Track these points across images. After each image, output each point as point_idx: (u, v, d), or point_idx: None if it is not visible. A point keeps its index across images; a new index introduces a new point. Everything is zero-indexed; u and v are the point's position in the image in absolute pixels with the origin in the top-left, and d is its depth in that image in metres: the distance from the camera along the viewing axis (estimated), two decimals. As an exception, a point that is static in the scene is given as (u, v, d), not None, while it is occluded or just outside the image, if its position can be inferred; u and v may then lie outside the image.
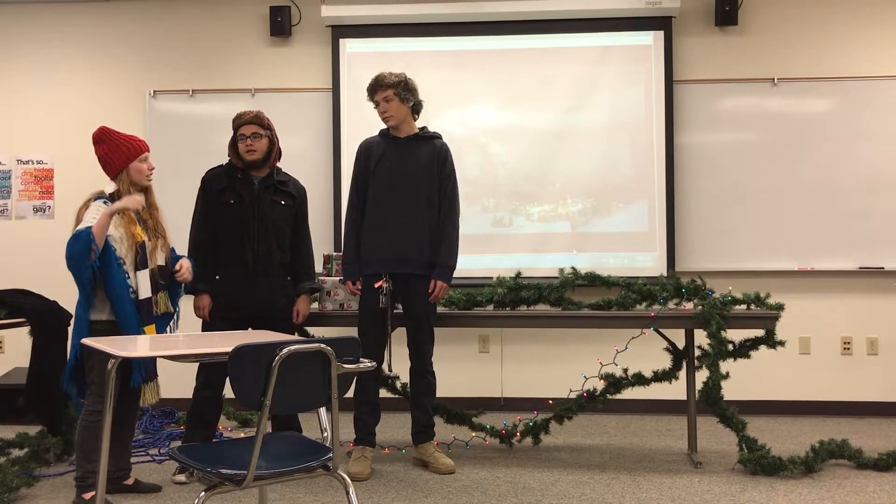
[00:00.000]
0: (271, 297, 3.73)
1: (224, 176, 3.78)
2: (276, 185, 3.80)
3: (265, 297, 3.71)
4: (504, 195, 5.27)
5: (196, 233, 3.76)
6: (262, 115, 3.76)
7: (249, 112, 3.75)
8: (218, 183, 3.76)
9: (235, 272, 3.69)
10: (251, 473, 2.13)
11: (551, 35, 5.28)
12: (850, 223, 5.13)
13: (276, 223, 3.76)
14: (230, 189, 3.74)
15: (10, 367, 5.27)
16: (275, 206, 3.77)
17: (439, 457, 3.86)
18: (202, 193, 3.80)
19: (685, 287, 4.01)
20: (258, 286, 3.69)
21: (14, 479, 3.42)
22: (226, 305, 3.70)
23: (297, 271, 3.87)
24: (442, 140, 3.95)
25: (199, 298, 3.71)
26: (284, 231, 3.81)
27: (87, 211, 3.25)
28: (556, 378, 4.86)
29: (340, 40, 5.36)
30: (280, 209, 3.79)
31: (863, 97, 5.16)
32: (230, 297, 3.69)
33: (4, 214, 5.54)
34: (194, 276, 3.59)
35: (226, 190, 3.74)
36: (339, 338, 2.28)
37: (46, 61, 5.55)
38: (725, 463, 3.96)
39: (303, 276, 3.88)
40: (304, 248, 3.91)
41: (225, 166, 3.83)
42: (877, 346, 5.20)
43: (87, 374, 3.24)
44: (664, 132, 5.20)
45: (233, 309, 3.69)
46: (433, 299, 3.83)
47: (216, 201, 3.74)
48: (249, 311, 3.69)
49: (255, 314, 3.69)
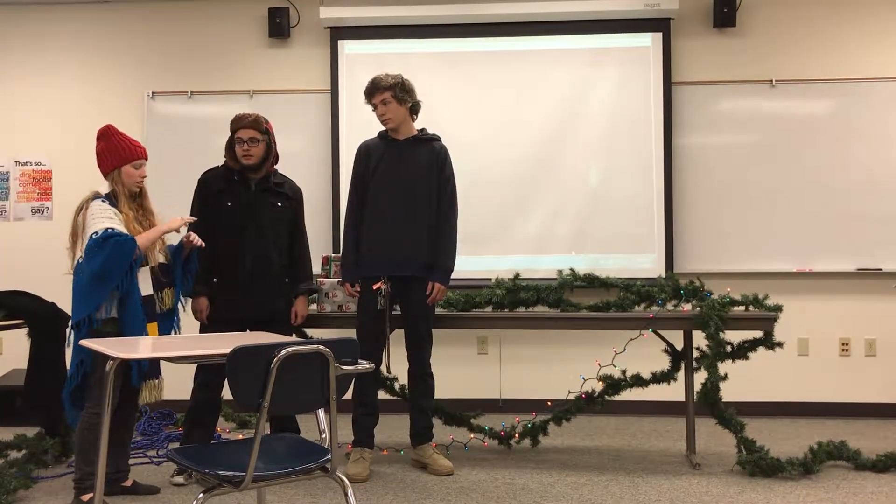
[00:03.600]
0: (269, 299, 3.72)
1: (221, 178, 3.76)
2: (272, 187, 3.79)
3: (263, 299, 3.70)
4: (502, 197, 5.26)
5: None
6: (260, 120, 3.71)
7: (248, 116, 3.70)
8: (215, 185, 3.74)
9: (233, 275, 3.67)
10: (249, 475, 2.13)
11: (550, 37, 5.28)
12: (848, 224, 5.14)
13: (273, 225, 3.75)
14: (227, 191, 3.72)
15: (8, 368, 5.26)
16: (272, 207, 3.76)
17: (438, 458, 3.86)
18: (199, 195, 3.77)
19: (684, 288, 4.01)
20: (256, 289, 3.68)
21: (12, 480, 3.42)
22: (224, 308, 3.68)
23: (295, 272, 3.86)
24: (441, 142, 3.95)
25: (197, 302, 3.69)
26: (282, 233, 3.79)
27: (89, 212, 3.24)
28: (555, 379, 4.86)
29: (339, 42, 5.36)
30: (277, 211, 3.78)
31: (861, 99, 5.16)
32: (228, 300, 3.67)
33: (3, 216, 5.53)
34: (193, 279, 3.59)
35: (223, 192, 3.72)
36: (337, 339, 2.28)
37: (45, 63, 5.55)
38: (724, 464, 3.96)
39: (300, 278, 3.87)
40: (302, 249, 3.90)
41: (221, 168, 3.81)
42: (875, 347, 5.20)
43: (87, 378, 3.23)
44: (662, 133, 5.20)
45: (231, 311, 3.67)
46: (431, 301, 3.84)
47: (213, 203, 3.72)
48: (247, 314, 3.68)
49: (254, 316, 3.67)
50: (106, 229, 3.17)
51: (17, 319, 3.78)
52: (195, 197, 3.78)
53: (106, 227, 3.18)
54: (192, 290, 3.65)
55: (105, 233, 3.17)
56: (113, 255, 3.15)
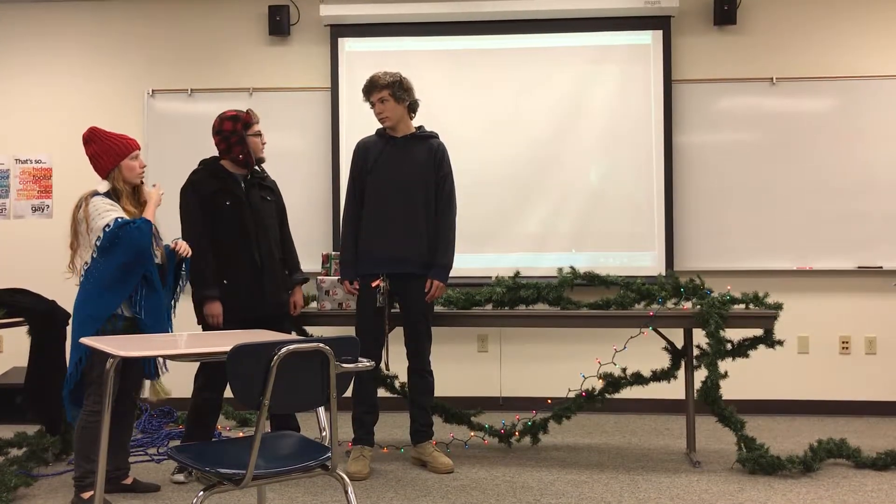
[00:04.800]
0: (279, 293, 3.76)
1: (212, 178, 3.70)
2: (259, 181, 3.80)
3: (275, 294, 3.72)
4: (502, 194, 5.26)
5: (197, 239, 3.60)
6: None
7: (253, 111, 3.78)
8: (208, 186, 3.67)
9: (245, 273, 3.64)
10: (250, 473, 2.13)
11: (550, 34, 5.27)
12: (848, 222, 5.13)
13: (269, 220, 3.77)
14: (223, 190, 3.67)
15: (8, 366, 5.27)
16: (263, 202, 3.77)
17: (438, 456, 3.86)
18: (194, 197, 3.66)
19: (684, 286, 4.01)
20: (268, 284, 3.69)
21: (12, 478, 3.42)
22: (240, 307, 3.63)
23: (288, 263, 3.88)
24: (439, 139, 3.95)
25: (210, 306, 3.60)
26: (275, 227, 3.83)
27: (91, 207, 3.23)
28: (555, 377, 4.86)
29: (339, 39, 5.36)
30: (268, 205, 3.80)
31: (861, 97, 5.16)
32: (243, 299, 3.63)
33: (3, 214, 5.53)
34: (202, 284, 3.59)
35: (218, 192, 3.66)
36: (337, 337, 2.28)
37: (44, 60, 5.54)
38: (724, 462, 3.96)
39: (293, 269, 3.90)
40: (289, 240, 3.95)
41: (209, 167, 3.74)
42: (875, 345, 5.20)
43: (87, 375, 3.23)
44: (663, 131, 5.20)
45: (247, 310, 3.63)
46: (429, 299, 3.83)
47: (212, 205, 3.65)
48: (263, 311, 3.66)
49: (268, 313, 3.67)
50: (116, 219, 3.19)
51: (18, 317, 3.77)
52: (189, 201, 3.66)
53: (115, 218, 3.20)
54: (204, 295, 3.59)
55: (117, 222, 3.18)
56: (133, 241, 3.18)
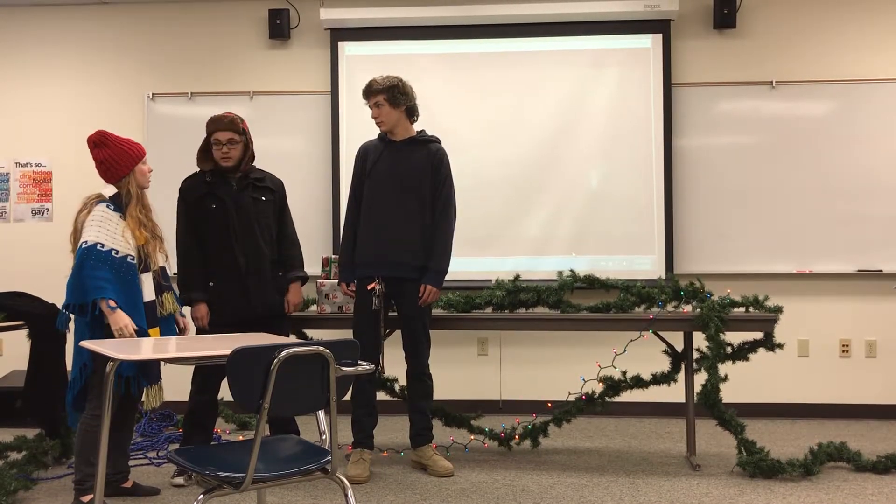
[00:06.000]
0: (266, 295, 3.72)
1: (201, 182, 3.71)
2: (253, 182, 3.76)
3: (261, 296, 3.69)
4: (503, 198, 5.26)
5: (183, 243, 3.69)
6: (237, 120, 3.68)
7: (224, 117, 3.68)
8: (195, 191, 3.70)
9: (230, 276, 3.66)
10: (249, 476, 2.13)
11: (550, 38, 5.28)
12: (848, 226, 5.14)
13: (259, 220, 3.73)
14: (209, 194, 3.68)
15: (8, 369, 5.27)
16: (256, 203, 3.73)
17: (438, 459, 3.86)
18: (181, 204, 3.72)
19: (684, 289, 4.01)
20: (252, 286, 3.68)
21: (12, 482, 3.41)
22: (224, 311, 3.66)
23: (285, 262, 3.83)
24: (438, 144, 3.94)
25: (196, 308, 3.66)
26: (269, 227, 3.78)
27: (90, 216, 3.23)
28: (555, 381, 4.86)
29: (339, 43, 5.36)
30: (262, 205, 3.75)
31: (861, 100, 5.16)
32: (228, 302, 3.66)
33: (3, 217, 5.53)
34: (189, 286, 3.61)
35: (204, 196, 3.68)
36: (337, 340, 2.27)
37: (45, 64, 5.55)
38: (724, 465, 3.96)
39: (289, 267, 3.84)
40: (290, 239, 3.87)
41: (201, 172, 3.76)
42: (875, 348, 5.20)
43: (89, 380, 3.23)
44: (662, 135, 5.20)
45: (231, 313, 3.66)
46: (423, 303, 3.82)
47: (197, 209, 3.68)
48: (248, 313, 3.67)
49: (254, 315, 3.67)
50: (93, 245, 3.16)
51: (17, 321, 3.77)
52: (178, 207, 3.73)
53: (95, 242, 3.17)
54: (190, 298, 3.64)
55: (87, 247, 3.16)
56: (71, 286, 3.17)
